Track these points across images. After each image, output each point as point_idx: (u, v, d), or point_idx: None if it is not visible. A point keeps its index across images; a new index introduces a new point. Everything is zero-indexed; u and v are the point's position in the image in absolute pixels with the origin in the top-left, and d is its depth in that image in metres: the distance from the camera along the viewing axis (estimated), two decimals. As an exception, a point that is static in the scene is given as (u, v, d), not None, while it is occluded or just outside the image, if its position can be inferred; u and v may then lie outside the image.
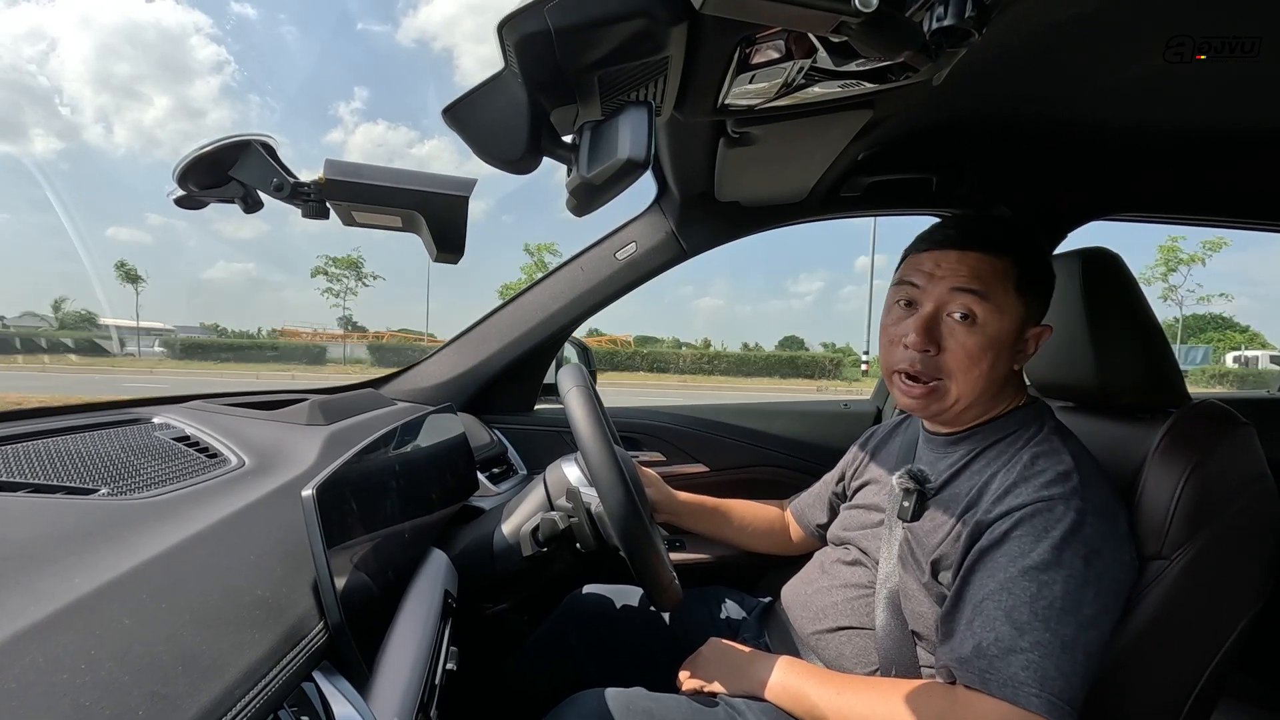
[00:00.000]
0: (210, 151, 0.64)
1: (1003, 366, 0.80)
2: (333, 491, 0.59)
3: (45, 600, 0.39)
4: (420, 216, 0.67)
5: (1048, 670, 0.63)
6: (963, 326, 0.78)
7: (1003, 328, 0.78)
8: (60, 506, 0.55)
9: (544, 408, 1.65)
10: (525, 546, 0.92)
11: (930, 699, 0.69)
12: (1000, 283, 0.78)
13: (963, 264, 0.79)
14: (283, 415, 1.01)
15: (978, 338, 0.78)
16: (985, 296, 0.77)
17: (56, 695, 0.33)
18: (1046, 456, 0.75)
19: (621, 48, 0.55)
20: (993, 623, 0.67)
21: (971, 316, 0.78)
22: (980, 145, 1.19)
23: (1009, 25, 0.72)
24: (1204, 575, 0.72)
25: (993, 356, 0.78)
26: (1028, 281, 0.79)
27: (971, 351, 0.78)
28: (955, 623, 0.71)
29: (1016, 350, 0.81)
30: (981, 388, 0.80)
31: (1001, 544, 0.70)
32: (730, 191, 1.31)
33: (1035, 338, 0.82)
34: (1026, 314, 0.80)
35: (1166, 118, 1.03)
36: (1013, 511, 0.71)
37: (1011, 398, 0.85)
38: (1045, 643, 0.64)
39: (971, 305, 0.78)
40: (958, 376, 0.79)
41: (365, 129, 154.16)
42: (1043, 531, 0.68)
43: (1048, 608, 0.65)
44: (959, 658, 0.68)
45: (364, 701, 0.53)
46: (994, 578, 0.69)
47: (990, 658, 0.65)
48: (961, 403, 0.81)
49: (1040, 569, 0.67)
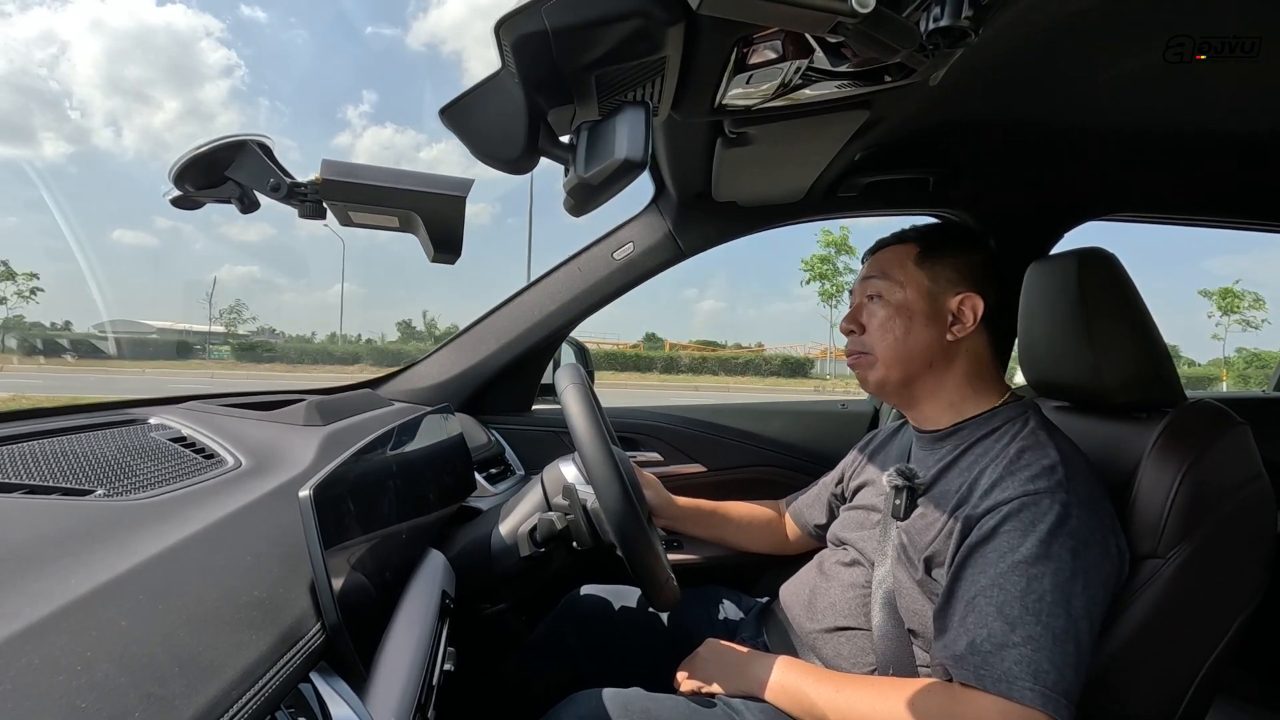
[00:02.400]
0: (206, 152, 0.63)
1: (923, 334, 0.87)
2: (330, 492, 0.59)
3: (41, 601, 0.39)
4: (417, 217, 0.67)
5: (1040, 663, 0.64)
6: (871, 306, 0.92)
7: (906, 297, 0.88)
8: (56, 507, 0.55)
9: (541, 408, 1.65)
10: (523, 547, 0.92)
11: (929, 697, 0.70)
12: (898, 261, 0.91)
13: (871, 263, 0.95)
14: (279, 416, 1.00)
15: (884, 310, 0.90)
16: (884, 276, 0.91)
17: (53, 697, 0.33)
18: (1032, 450, 0.76)
19: (619, 48, 0.55)
20: (985, 619, 0.67)
21: (877, 296, 0.91)
22: (977, 145, 1.19)
23: (1006, 25, 0.72)
24: (1199, 573, 0.72)
25: (904, 323, 0.88)
26: (926, 256, 0.89)
27: (881, 321, 0.90)
28: (949, 619, 0.72)
29: (935, 316, 0.87)
30: (905, 350, 0.88)
31: (990, 539, 0.71)
32: (727, 191, 1.31)
33: (961, 306, 0.87)
34: (932, 283, 0.88)
35: (1164, 118, 1.03)
36: (999, 506, 0.72)
37: (992, 392, 0.88)
38: (1037, 636, 0.65)
39: (876, 288, 0.91)
40: (877, 346, 0.90)
41: (373, 132, 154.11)
42: (1030, 526, 0.69)
43: (1038, 601, 0.66)
44: (954, 655, 0.69)
45: (361, 702, 0.52)
46: (985, 574, 0.70)
47: (984, 654, 0.66)
48: (892, 369, 0.89)
49: (1029, 563, 0.68)
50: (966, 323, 0.87)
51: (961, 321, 0.87)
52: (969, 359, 0.88)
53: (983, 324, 0.87)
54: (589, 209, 0.59)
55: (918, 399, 0.91)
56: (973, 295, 0.87)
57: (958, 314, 0.87)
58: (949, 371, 0.88)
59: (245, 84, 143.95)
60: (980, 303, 0.86)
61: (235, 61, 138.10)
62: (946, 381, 0.89)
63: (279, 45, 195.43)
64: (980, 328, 0.87)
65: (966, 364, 0.88)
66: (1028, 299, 0.96)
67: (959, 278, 0.88)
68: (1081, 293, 0.87)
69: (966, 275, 0.88)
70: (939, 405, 0.90)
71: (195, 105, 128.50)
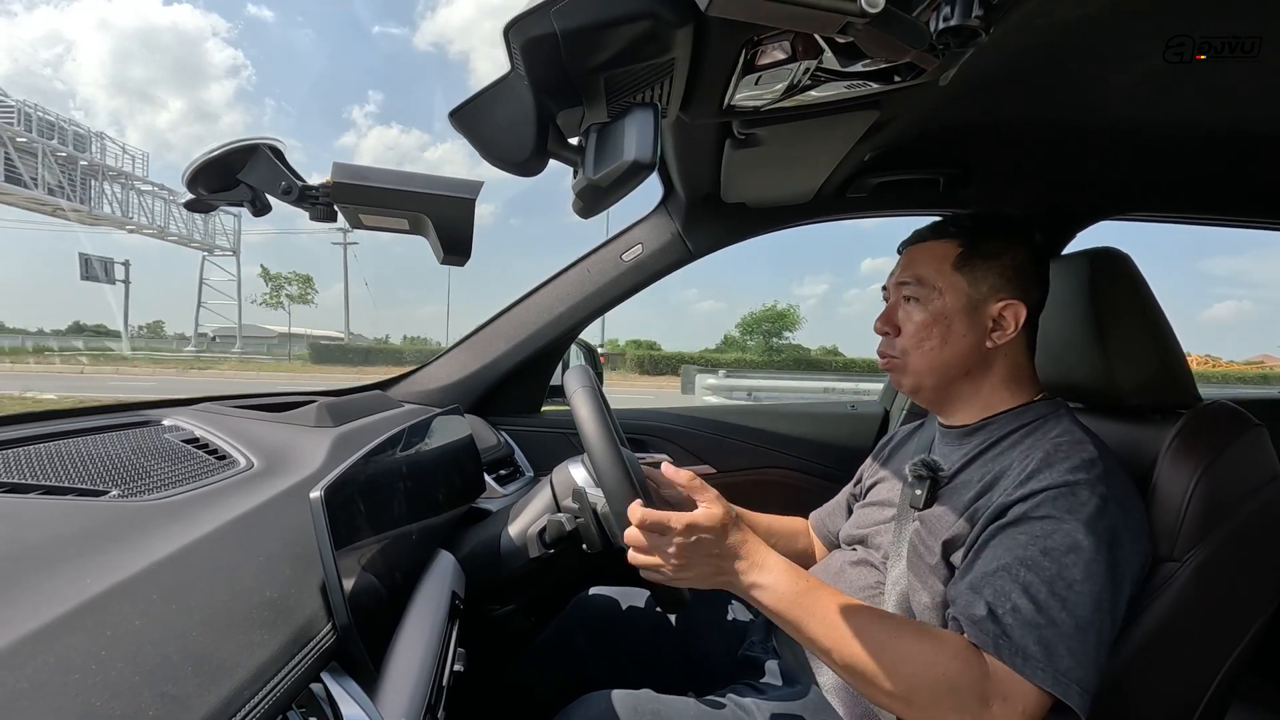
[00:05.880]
0: (219, 155, 0.64)
1: (961, 343, 0.84)
2: (341, 493, 0.59)
3: (56, 601, 0.39)
4: (427, 219, 0.67)
5: (1057, 649, 0.63)
6: (908, 308, 0.88)
7: (946, 303, 0.84)
8: (71, 508, 0.56)
9: (551, 409, 1.65)
10: (532, 548, 0.92)
11: (941, 653, 0.66)
12: (936, 264, 0.86)
13: (906, 261, 0.90)
14: (291, 417, 1.01)
15: (920, 315, 0.86)
16: (922, 280, 0.86)
17: (67, 695, 0.33)
18: (1071, 445, 0.74)
19: (628, 50, 0.55)
20: (1008, 594, 0.66)
21: (914, 299, 0.87)
22: (987, 145, 1.18)
23: (1015, 25, 0.72)
24: (1216, 577, 0.71)
25: (942, 330, 0.85)
26: (968, 258, 0.85)
27: (917, 327, 0.86)
28: (964, 584, 0.70)
29: (975, 324, 0.84)
30: (942, 360, 0.85)
31: (1022, 523, 0.70)
32: (736, 193, 1.31)
33: (1004, 313, 0.83)
34: (973, 289, 0.84)
35: (1173, 117, 1.02)
36: (1036, 493, 0.71)
37: (1027, 391, 0.86)
38: (1060, 622, 0.64)
39: (913, 290, 0.87)
40: (911, 351, 0.87)
41: (378, 132, 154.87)
42: (1066, 514, 0.68)
43: (1067, 589, 0.65)
44: (971, 617, 0.67)
45: (371, 703, 0.53)
46: (1012, 552, 0.68)
47: (1006, 625, 0.65)
48: (926, 377, 0.87)
49: (1063, 551, 0.67)
50: (1008, 329, 0.83)
51: (1002, 328, 0.83)
52: (1007, 363, 0.86)
53: (1023, 328, 0.83)
54: (598, 210, 0.59)
55: (951, 401, 0.89)
56: (1015, 303, 0.83)
57: (998, 320, 0.83)
58: (986, 377, 0.86)
59: (251, 84, 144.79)
60: (1023, 310, 0.83)
61: (241, 61, 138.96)
62: (983, 386, 0.86)
63: (287, 45, 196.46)
64: (1021, 331, 0.84)
65: (1004, 368, 0.86)
66: None
67: (1003, 282, 0.83)
68: (1094, 293, 0.86)
69: (1011, 279, 0.83)
70: (974, 406, 0.87)
71: (200, 105, 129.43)
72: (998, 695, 0.63)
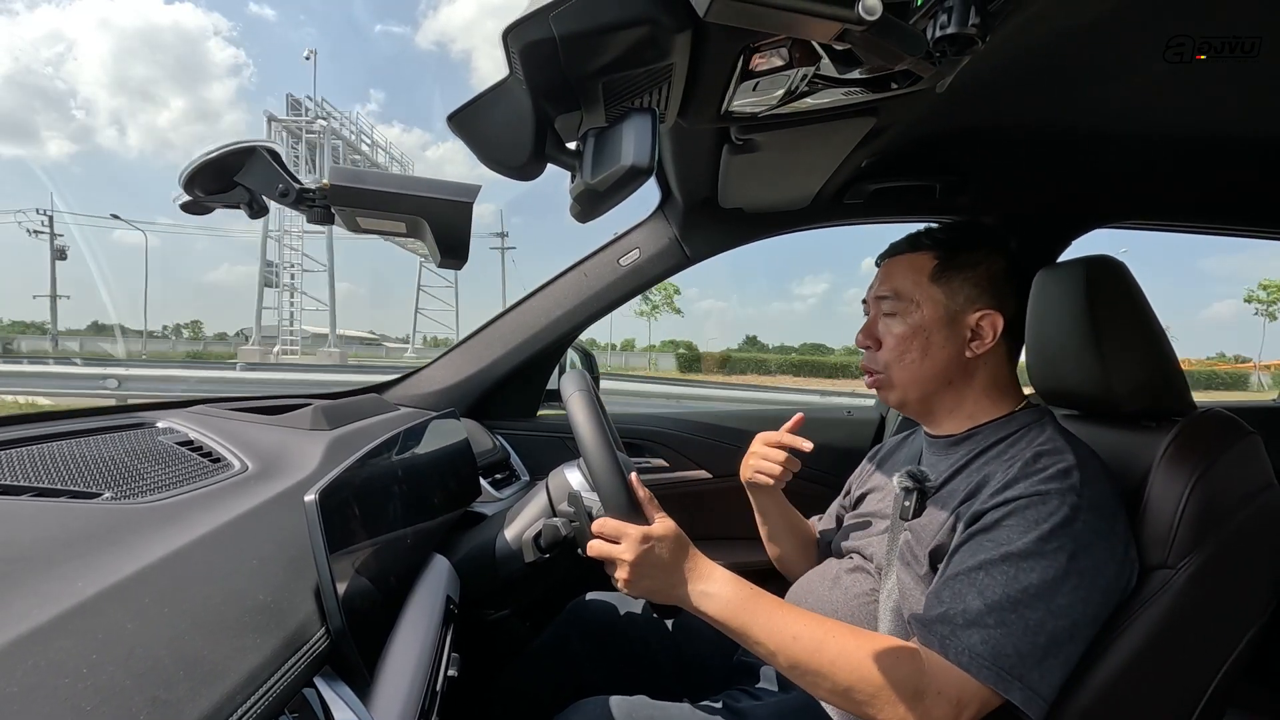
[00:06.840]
0: (217, 157, 0.64)
1: (941, 354, 0.85)
2: (335, 497, 0.59)
3: (48, 603, 0.39)
4: (424, 222, 0.67)
5: (1004, 648, 0.65)
6: (888, 321, 0.89)
7: (924, 315, 0.85)
8: (64, 510, 0.56)
9: (547, 414, 1.65)
10: (527, 553, 0.91)
11: (900, 655, 0.67)
12: (913, 277, 0.87)
13: (884, 274, 0.91)
14: (286, 420, 1.01)
15: (900, 328, 0.87)
16: (900, 294, 0.87)
17: (58, 699, 0.33)
18: (1050, 454, 0.75)
19: (626, 55, 0.55)
20: (963, 596, 0.68)
21: (893, 313, 0.88)
22: (984, 152, 1.19)
23: (1012, 33, 0.72)
24: (1210, 585, 0.71)
25: (921, 342, 0.85)
26: (944, 270, 0.86)
27: (897, 341, 0.87)
28: (931, 590, 0.73)
29: (953, 335, 0.85)
30: (923, 372, 0.86)
31: (990, 530, 0.71)
32: (734, 198, 1.31)
33: (981, 323, 0.84)
34: (950, 300, 0.85)
35: (1172, 121, 1.03)
36: (1009, 502, 0.72)
37: (1010, 400, 0.87)
38: (1009, 622, 0.66)
39: (892, 305, 0.88)
40: (893, 365, 0.88)
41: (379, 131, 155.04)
42: (1033, 523, 0.69)
43: (1021, 592, 0.67)
44: (923, 620, 0.70)
45: (365, 708, 0.52)
46: (974, 557, 0.70)
47: (955, 626, 0.67)
48: (910, 389, 0.88)
49: (1021, 556, 0.68)
50: (986, 339, 0.85)
51: (981, 338, 0.85)
52: (988, 372, 0.87)
53: (1002, 337, 0.85)
54: (595, 215, 0.59)
55: (936, 412, 0.90)
56: (992, 313, 0.84)
57: (977, 330, 0.85)
58: (969, 386, 0.87)
59: (253, 83, 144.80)
60: (1000, 320, 0.84)
61: (243, 60, 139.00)
62: (966, 396, 0.88)
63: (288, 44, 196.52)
64: (999, 340, 0.85)
65: (985, 377, 0.87)
66: (1036, 307, 0.96)
67: (979, 293, 0.85)
68: (1090, 301, 0.87)
69: (987, 289, 0.85)
70: (958, 416, 0.88)
71: (201, 104, 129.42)
72: (932, 689, 0.65)
